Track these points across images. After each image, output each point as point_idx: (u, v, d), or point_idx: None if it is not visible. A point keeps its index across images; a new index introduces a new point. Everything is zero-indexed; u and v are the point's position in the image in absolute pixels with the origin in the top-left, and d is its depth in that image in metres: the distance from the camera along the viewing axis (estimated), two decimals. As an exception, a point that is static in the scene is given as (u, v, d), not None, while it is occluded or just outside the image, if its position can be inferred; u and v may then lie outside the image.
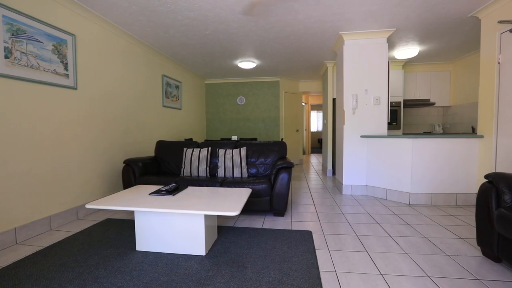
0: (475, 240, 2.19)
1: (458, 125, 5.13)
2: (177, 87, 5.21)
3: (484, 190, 1.84)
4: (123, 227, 2.51)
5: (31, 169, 2.31)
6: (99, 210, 3.07)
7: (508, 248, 1.64)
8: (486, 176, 1.86)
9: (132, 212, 2.97)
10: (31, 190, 2.31)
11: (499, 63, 2.78)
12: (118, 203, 1.94)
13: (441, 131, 5.32)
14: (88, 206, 1.87)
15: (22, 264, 1.81)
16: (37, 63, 2.33)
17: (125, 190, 2.39)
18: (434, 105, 5.33)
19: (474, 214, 2.73)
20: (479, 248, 2.04)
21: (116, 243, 2.15)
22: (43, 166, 2.41)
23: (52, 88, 2.50)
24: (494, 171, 2.87)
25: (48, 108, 2.46)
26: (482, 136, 3.04)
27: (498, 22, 2.64)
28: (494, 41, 2.84)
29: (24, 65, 2.22)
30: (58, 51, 2.54)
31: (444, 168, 3.21)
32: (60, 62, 2.57)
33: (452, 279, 1.62)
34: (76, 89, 2.76)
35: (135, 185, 3.06)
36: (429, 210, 3.02)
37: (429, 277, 1.65)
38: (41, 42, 2.36)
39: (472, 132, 4.66)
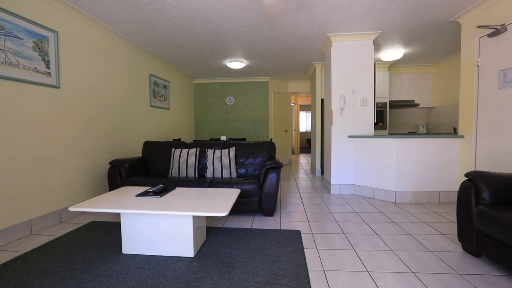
0: (456, 236, 2.28)
1: (441, 125, 5.31)
2: (165, 86, 5.14)
3: (464, 188, 1.91)
4: (108, 230, 2.44)
5: (10, 170, 2.21)
6: (83, 212, 2.98)
7: (487, 243, 1.71)
8: (466, 175, 1.93)
9: (118, 214, 2.90)
10: (10, 192, 2.21)
11: (478, 66, 2.90)
12: (103, 205, 1.89)
13: (425, 131, 5.50)
14: (71, 208, 1.81)
15: (0, 271, 1.73)
16: (16, 60, 2.24)
17: (111, 191, 2.33)
18: (418, 106, 5.50)
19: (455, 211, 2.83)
20: (460, 244, 2.12)
21: (101, 247, 2.09)
22: (23, 168, 2.31)
23: (32, 86, 2.40)
24: (474, 169, 2.99)
25: (28, 107, 2.36)
26: (462, 136, 3.17)
27: (477, 27, 2.75)
28: (474, 45, 2.96)
29: (2, 62, 2.12)
30: (39, 48, 2.45)
31: (428, 167, 3.31)
32: (42, 59, 2.47)
33: (435, 274, 1.68)
34: (58, 87, 2.66)
35: (121, 186, 2.99)
36: (413, 208, 3.11)
37: (414, 273, 1.70)
38: (20, 38, 2.27)
39: (454, 132, 4.84)
